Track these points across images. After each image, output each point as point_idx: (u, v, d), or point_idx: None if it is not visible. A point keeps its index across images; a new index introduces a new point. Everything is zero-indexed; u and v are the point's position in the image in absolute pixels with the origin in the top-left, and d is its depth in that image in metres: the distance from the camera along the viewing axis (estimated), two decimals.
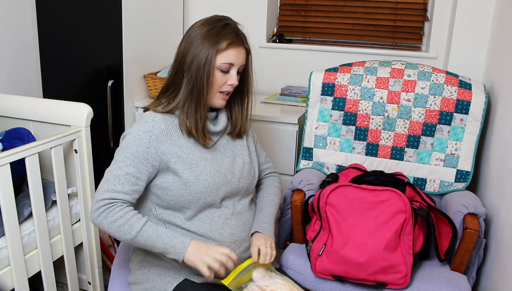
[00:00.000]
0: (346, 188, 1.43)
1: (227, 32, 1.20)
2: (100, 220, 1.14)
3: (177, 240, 1.15)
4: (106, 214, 1.14)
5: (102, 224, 1.15)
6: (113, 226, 1.14)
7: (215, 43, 1.18)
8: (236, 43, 1.20)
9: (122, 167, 1.16)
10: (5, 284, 1.36)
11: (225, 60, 1.20)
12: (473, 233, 1.39)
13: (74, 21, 1.98)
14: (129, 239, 1.15)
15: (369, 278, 1.36)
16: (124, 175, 1.16)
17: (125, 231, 1.14)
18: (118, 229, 1.14)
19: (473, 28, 1.97)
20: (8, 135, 1.57)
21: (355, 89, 1.80)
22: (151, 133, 1.18)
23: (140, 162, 1.17)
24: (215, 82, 1.21)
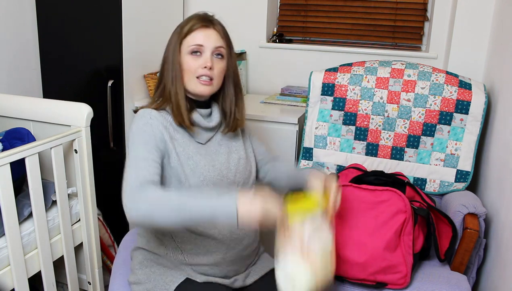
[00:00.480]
0: (346, 188, 1.43)
1: (191, 18, 1.24)
2: (135, 203, 1.04)
3: (223, 201, 1.02)
4: (139, 195, 1.05)
5: (139, 206, 1.03)
6: (150, 205, 1.03)
7: (180, 30, 1.23)
8: (200, 25, 1.22)
9: (138, 155, 1.14)
10: (5, 284, 1.36)
11: (193, 42, 1.21)
12: (473, 233, 1.39)
13: (74, 21, 1.98)
14: (171, 214, 1.02)
15: (369, 278, 1.36)
16: (142, 159, 1.13)
17: (162, 207, 1.03)
18: (156, 207, 1.02)
19: (473, 28, 1.97)
20: (8, 135, 1.57)
21: (355, 89, 1.80)
22: (151, 123, 1.19)
23: (152, 148, 1.15)
24: (188, 68, 1.22)
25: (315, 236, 1.05)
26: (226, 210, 1.00)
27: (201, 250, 1.22)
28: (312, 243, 1.04)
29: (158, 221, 1.02)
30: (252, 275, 1.32)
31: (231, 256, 1.25)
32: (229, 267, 1.26)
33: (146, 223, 1.08)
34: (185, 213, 1.02)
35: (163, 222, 1.03)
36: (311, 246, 1.04)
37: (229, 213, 1.00)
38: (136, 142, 1.16)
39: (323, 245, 1.06)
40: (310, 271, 1.02)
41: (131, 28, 1.95)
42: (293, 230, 1.04)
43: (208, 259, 1.23)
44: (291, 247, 1.04)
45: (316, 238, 1.05)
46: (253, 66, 2.50)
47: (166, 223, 1.03)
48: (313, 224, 1.06)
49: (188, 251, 1.23)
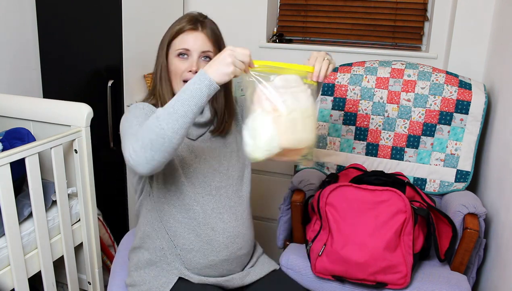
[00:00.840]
0: (346, 188, 1.43)
1: (180, 20, 1.23)
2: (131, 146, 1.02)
3: (192, 80, 1.03)
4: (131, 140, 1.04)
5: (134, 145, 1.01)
6: (139, 135, 1.02)
7: (168, 32, 1.24)
8: (188, 28, 1.21)
9: (132, 125, 1.14)
10: (5, 284, 1.36)
11: (179, 46, 1.22)
12: (473, 233, 1.39)
13: (74, 21, 1.98)
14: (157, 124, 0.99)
15: (369, 278, 1.36)
16: (136, 125, 1.13)
17: (149, 125, 1.01)
18: (144, 131, 1.01)
19: (473, 28, 1.97)
20: (8, 135, 1.57)
21: (355, 89, 1.80)
22: (143, 108, 1.21)
23: (144, 119, 1.15)
24: (175, 70, 1.23)
25: (285, 93, 1.04)
26: (197, 80, 1.01)
27: (194, 246, 1.23)
28: (278, 98, 1.03)
29: (154, 143, 0.99)
30: (251, 276, 1.32)
31: (225, 256, 1.25)
32: (224, 266, 1.26)
33: (149, 156, 0.99)
34: (169, 115, 0.99)
35: (160, 142, 0.99)
36: (279, 103, 1.02)
37: (201, 79, 1.00)
38: (129, 118, 1.18)
39: (294, 102, 1.04)
40: (271, 122, 1.01)
41: (131, 28, 1.95)
42: (261, 85, 1.05)
43: (201, 257, 1.23)
44: (257, 101, 1.04)
45: (286, 95, 1.03)
46: None
47: (162, 138, 0.99)
48: (284, 82, 1.05)
49: (182, 246, 1.23)
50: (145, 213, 1.30)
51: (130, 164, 1.02)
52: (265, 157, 1.04)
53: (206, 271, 1.25)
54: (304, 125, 1.05)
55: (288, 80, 1.06)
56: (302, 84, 1.08)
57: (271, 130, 1.02)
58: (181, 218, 1.23)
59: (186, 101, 1.00)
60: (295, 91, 1.06)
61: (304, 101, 1.06)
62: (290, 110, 1.02)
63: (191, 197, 1.23)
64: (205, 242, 1.23)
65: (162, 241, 1.25)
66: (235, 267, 1.29)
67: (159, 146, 0.99)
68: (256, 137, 1.03)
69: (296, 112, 1.04)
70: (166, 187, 1.23)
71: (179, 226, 1.23)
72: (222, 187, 1.28)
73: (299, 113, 1.04)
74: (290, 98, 1.04)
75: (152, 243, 1.27)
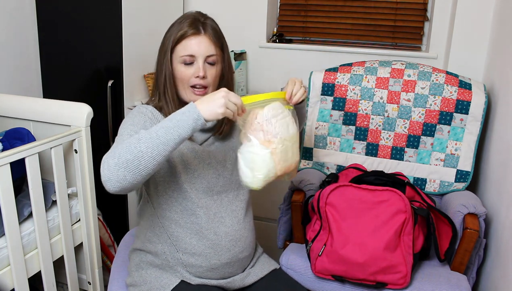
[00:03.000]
0: (346, 188, 1.43)
1: (182, 23, 1.20)
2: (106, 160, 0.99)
3: (180, 110, 1.03)
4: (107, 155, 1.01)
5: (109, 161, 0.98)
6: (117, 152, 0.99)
7: (170, 37, 1.20)
8: (191, 33, 1.18)
9: (123, 133, 1.14)
10: (5, 284, 1.36)
11: (184, 52, 1.19)
12: (473, 233, 1.39)
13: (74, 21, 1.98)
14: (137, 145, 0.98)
15: (369, 278, 1.36)
16: (127, 135, 1.12)
17: (129, 144, 0.99)
18: (122, 149, 0.99)
19: (473, 28, 1.97)
20: (8, 135, 1.57)
21: (355, 89, 1.80)
22: (144, 114, 1.20)
23: (140, 129, 1.14)
24: (181, 77, 1.21)
25: (276, 123, 1.09)
26: (186, 111, 1.00)
27: (196, 250, 1.22)
28: (272, 129, 1.08)
29: (129, 164, 0.97)
30: (251, 276, 1.32)
31: (227, 259, 1.24)
32: (226, 269, 1.26)
33: (121, 176, 0.96)
34: (151, 139, 0.98)
35: (135, 164, 0.97)
36: (270, 131, 1.08)
37: (190, 112, 1.00)
38: (126, 123, 1.17)
39: (285, 132, 1.10)
40: (269, 155, 1.07)
41: (131, 28, 1.95)
42: (253, 116, 1.09)
43: (203, 261, 1.23)
44: (252, 132, 1.09)
45: (277, 125, 1.09)
46: (253, 66, 2.50)
47: (138, 160, 0.97)
48: (273, 111, 1.10)
49: (184, 250, 1.23)
50: (147, 217, 1.30)
51: (102, 179, 1.00)
52: (264, 185, 1.10)
53: (208, 274, 1.24)
54: (293, 151, 1.13)
55: (275, 108, 1.11)
56: (285, 111, 1.14)
57: (269, 162, 1.08)
58: (184, 222, 1.23)
59: (170, 130, 0.99)
60: (283, 118, 1.11)
61: (291, 128, 1.13)
62: (283, 141, 1.09)
63: (194, 202, 1.23)
64: (208, 246, 1.22)
65: (164, 245, 1.25)
66: (236, 269, 1.29)
67: (133, 167, 0.97)
68: (255, 170, 1.08)
69: (287, 141, 1.10)
70: (168, 193, 1.23)
71: (181, 231, 1.23)
72: (224, 191, 1.28)
73: (288, 141, 1.11)
74: (281, 128, 1.10)
75: (153, 247, 1.27)
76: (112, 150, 1.03)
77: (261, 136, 1.08)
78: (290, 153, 1.11)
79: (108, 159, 0.99)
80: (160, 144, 0.98)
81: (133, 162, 0.97)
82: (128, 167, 0.97)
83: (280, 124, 1.09)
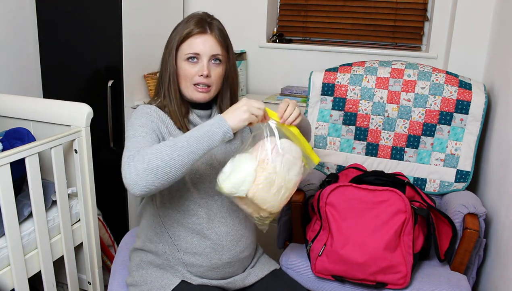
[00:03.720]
0: (346, 188, 1.43)
1: (189, 22, 1.21)
2: (133, 164, 1.00)
3: (209, 121, 1.07)
4: (133, 157, 1.03)
5: (137, 165, 0.99)
6: (146, 157, 1.00)
7: (176, 35, 1.21)
8: (197, 31, 1.19)
9: (136, 134, 1.13)
10: (5, 284, 1.36)
11: (189, 50, 1.20)
12: (473, 233, 1.39)
13: (74, 21, 1.98)
14: (169, 152, 1.00)
15: (369, 278, 1.36)
16: (140, 136, 1.12)
17: (159, 150, 1.01)
18: (152, 155, 1.00)
19: (473, 28, 1.97)
20: (8, 135, 1.57)
21: (355, 89, 1.80)
22: (150, 114, 1.19)
23: (150, 130, 1.15)
24: (185, 75, 1.21)
25: (283, 158, 1.08)
26: (216, 123, 1.05)
27: (197, 250, 1.22)
28: (275, 157, 1.07)
29: (160, 170, 0.99)
30: (252, 276, 1.32)
31: (228, 258, 1.24)
32: (226, 269, 1.26)
33: (149, 181, 0.99)
34: (182, 148, 1.01)
35: (166, 170, 1.00)
36: (273, 159, 1.07)
37: (220, 124, 1.04)
38: (135, 125, 1.16)
39: (283, 170, 1.08)
40: (254, 170, 1.05)
41: (131, 28, 1.95)
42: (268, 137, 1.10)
43: (204, 261, 1.23)
44: (257, 148, 1.09)
45: (282, 160, 1.08)
46: (253, 66, 2.50)
47: (169, 167, 1.00)
48: (289, 149, 1.10)
49: (185, 250, 1.23)
50: (148, 216, 1.30)
51: (126, 182, 1.01)
52: (229, 192, 1.07)
53: (208, 274, 1.24)
54: (278, 193, 1.08)
55: (292, 149, 1.10)
56: (300, 160, 1.12)
57: (249, 174, 1.05)
58: (185, 222, 1.23)
59: (201, 140, 1.03)
60: (291, 161, 1.09)
61: (291, 174, 1.10)
62: (274, 171, 1.06)
63: (196, 202, 1.23)
64: (209, 246, 1.22)
65: (165, 245, 1.25)
66: (237, 269, 1.29)
67: (163, 174, 1.00)
68: (233, 172, 1.07)
69: (278, 177, 1.07)
70: (171, 193, 1.23)
71: (183, 231, 1.23)
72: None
73: (280, 179, 1.07)
74: (282, 162, 1.08)
75: (154, 247, 1.27)
76: (135, 153, 1.03)
77: (260, 154, 1.08)
78: (273, 190, 1.07)
79: (136, 163, 1.00)
80: (191, 153, 1.02)
81: (164, 169, 1.00)
82: (158, 173, 0.99)
83: (284, 161, 1.08)
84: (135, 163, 1.00)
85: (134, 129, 1.15)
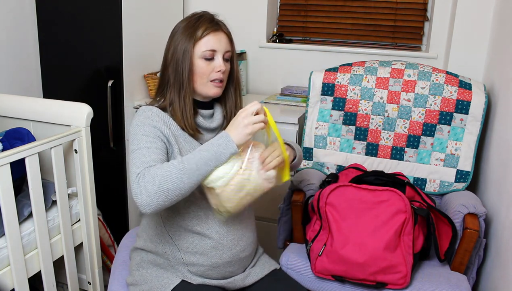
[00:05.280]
0: (346, 188, 1.43)
1: (201, 21, 1.22)
2: (143, 184, 1.05)
3: (217, 141, 1.11)
4: (143, 176, 1.06)
5: (147, 187, 1.04)
6: (157, 179, 1.05)
7: (191, 34, 1.21)
8: (212, 29, 1.21)
9: (140, 146, 1.14)
10: (5, 284, 1.36)
11: (206, 47, 1.21)
12: (473, 233, 1.39)
13: (74, 21, 1.98)
14: (179, 175, 1.05)
15: (369, 278, 1.36)
16: (145, 148, 1.13)
17: (170, 172, 1.05)
18: (163, 178, 1.05)
19: (473, 28, 1.97)
20: (8, 135, 1.57)
21: (355, 89, 1.80)
22: (151, 118, 1.19)
23: (153, 138, 1.16)
24: (202, 72, 1.22)
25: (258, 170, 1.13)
26: (223, 143, 1.09)
27: (198, 249, 1.22)
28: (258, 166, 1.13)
29: (170, 193, 1.05)
30: (252, 276, 1.32)
31: (228, 258, 1.24)
32: (226, 268, 1.26)
33: (160, 202, 1.05)
34: (191, 171, 1.06)
35: (176, 192, 1.06)
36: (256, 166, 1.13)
37: (227, 145, 1.08)
38: (138, 135, 1.16)
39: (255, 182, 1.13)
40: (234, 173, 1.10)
41: (131, 28, 1.96)
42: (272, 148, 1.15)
43: (205, 260, 1.23)
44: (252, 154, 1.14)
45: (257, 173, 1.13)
46: (253, 66, 2.50)
47: (179, 190, 1.06)
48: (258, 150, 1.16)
49: (185, 249, 1.23)
50: (149, 217, 1.30)
51: (137, 202, 1.06)
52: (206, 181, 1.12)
53: (209, 273, 1.24)
54: (243, 198, 1.14)
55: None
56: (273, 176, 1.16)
57: (228, 174, 1.10)
58: (186, 223, 1.23)
59: (209, 161, 1.08)
60: (267, 173, 1.14)
61: (263, 185, 1.15)
62: (248, 178, 1.12)
63: (197, 203, 1.23)
64: (209, 245, 1.23)
65: (165, 245, 1.25)
66: (237, 269, 1.29)
67: (173, 196, 1.06)
68: (218, 170, 1.11)
69: (250, 184, 1.13)
70: None
71: (183, 231, 1.23)
72: None
73: (250, 187, 1.13)
74: (258, 173, 1.13)
75: (155, 247, 1.27)
76: (145, 172, 1.07)
77: (256, 163, 1.13)
78: (240, 194, 1.12)
79: (147, 184, 1.05)
80: (199, 175, 1.08)
81: (175, 191, 1.05)
82: (168, 195, 1.05)
83: (259, 173, 1.13)
84: (146, 184, 1.05)
85: (138, 139, 1.15)
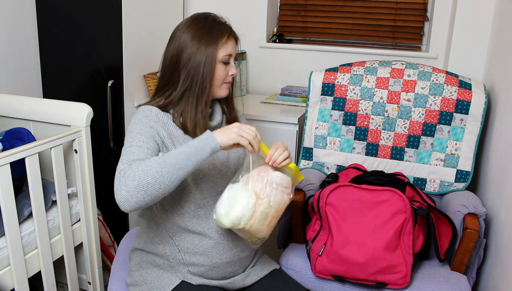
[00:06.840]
0: (346, 188, 1.43)
1: (220, 26, 1.26)
2: (124, 180, 1.03)
3: (198, 137, 1.11)
4: (125, 172, 1.05)
5: (127, 182, 1.02)
6: (137, 174, 1.02)
7: (214, 39, 1.22)
8: (232, 35, 1.27)
9: (132, 144, 1.14)
10: (5, 284, 1.36)
11: (226, 52, 1.24)
12: (473, 233, 1.39)
13: (74, 21, 1.98)
14: (158, 169, 1.02)
15: (369, 278, 1.36)
16: (136, 146, 1.13)
17: (149, 167, 1.03)
18: (143, 172, 1.02)
19: (473, 28, 1.97)
20: (8, 135, 1.57)
21: (355, 89, 1.80)
22: (150, 118, 1.20)
23: (147, 138, 1.16)
24: (220, 76, 1.25)
25: (277, 191, 1.13)
26: (204, 139, 1.08)
27: (198, 250, 1.22)
28: (269, 190, 1.12)
29: (150, 187, 1.02)
30: (252, 276, 1.32)
31: (229, 257, 1.25)
32: (227, 268, 1.26)
33: (140, 198, 1.02)
34: (171, 165, 1.04)
35: (156, 187, 1.02)
36: (267, 191, 1.12)
37: (208, 140, 1.08)
38: (133, 132, 1.17)
39: (276, 205, 1.13)
40: (253, 205, 1.10)
41: (131, 28, 1.95)
42: (264, 168, 1.14)
43: (205, 260, 1.23)
44: (253, 178, 1.13)
45: (276, 193, 1.13)
46: (253, 66, 2.50)
47: (159, 184, 1.02)
48: (281, 181, 1.15)
49: (186, 250, 1.23)
50: (148, 218, 1.30)
51: (117, 198, 1.04)
52: (229, 227, 1.12)
53: (209, 273, 1.24)
54: (270, 222, 1.15)
55: (283, 180, 1.16)
56: (290, 188, 1.18)
57: (248, 210, 1.10)
58: (185, 224, 1.23)
59: (190, 157, 1.06)
60: (283, 191, 1.15)
61: (282, 203, 1.16)
62: (268, 205, 1.12)
63: (197, 203, 1.23)
64: (210, 245, 1.23)
65: (165, 246, 1.25)
66: (237, 269, 1.29)
67: (153, 191, 1.03)
68: (233, 208, 1.11)
69: (272, 209, 1.13)
70: (172, 194, 1.22)
71: (183, 231, 1.23)
72: None
73: (274, 211, 1.14)
74: (275, 196, 1.13)
75: (154, 248, 1.27)
76: (126, 168, 1.05)
77: (258, 187, 1.12)
78: (267, 221, 1.13)
79: (127, 179, 1.03)
80: (180, 169, 1.05)
81: (154, 186, 1.02)
82: (148, 190, 1.02)
83: (278, 194, 1.13)
84: (126, 179, 1.03)
85: (132, 137, 1.16)
